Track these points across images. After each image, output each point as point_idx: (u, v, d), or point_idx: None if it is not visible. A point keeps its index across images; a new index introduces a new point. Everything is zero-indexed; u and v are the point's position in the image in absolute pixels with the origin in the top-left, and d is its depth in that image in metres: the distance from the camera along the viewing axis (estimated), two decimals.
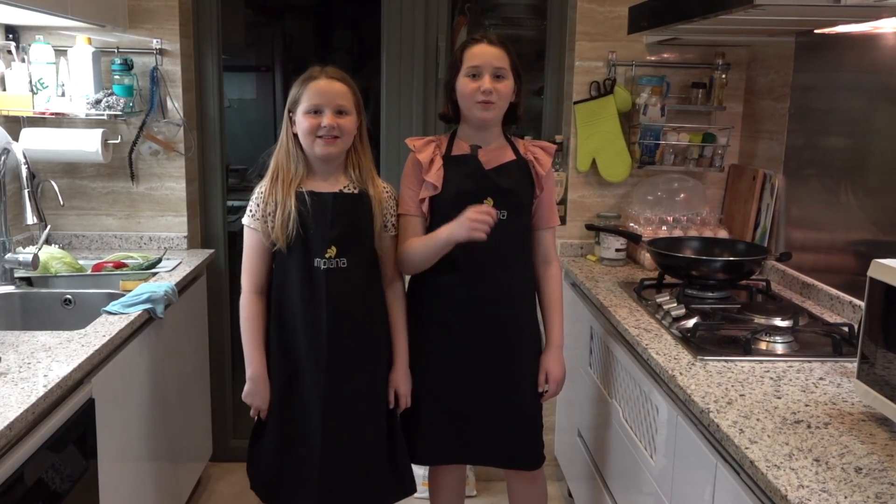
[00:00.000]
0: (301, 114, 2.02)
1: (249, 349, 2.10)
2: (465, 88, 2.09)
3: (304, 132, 2.02)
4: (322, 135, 2.01)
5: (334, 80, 2.04)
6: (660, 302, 2.29)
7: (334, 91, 2.02)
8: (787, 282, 2.59)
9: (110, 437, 2.00)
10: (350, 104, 2.04)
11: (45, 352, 1.87)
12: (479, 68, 2.07)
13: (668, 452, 1.84)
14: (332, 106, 2.01)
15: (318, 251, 2.04)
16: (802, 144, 2.59)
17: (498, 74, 2.07)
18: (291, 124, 2.07)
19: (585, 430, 2.69)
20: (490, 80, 2.06)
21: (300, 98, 2.03)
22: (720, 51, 2.96)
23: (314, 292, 2.05)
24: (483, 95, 2.06)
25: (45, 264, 2.59)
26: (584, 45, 2.99)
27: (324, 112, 2.00)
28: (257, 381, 2.09)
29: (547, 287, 2.25)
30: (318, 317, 2.05)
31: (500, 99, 2.08)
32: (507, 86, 2.09)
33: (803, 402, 1.65)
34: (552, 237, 2.26)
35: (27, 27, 2.84)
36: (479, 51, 2.08)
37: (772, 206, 2.71)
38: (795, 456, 1.40)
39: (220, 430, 3.27)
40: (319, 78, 2.03)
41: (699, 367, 1.84)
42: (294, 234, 2.02)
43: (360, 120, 2.08)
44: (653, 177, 3.05)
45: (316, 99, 2.01)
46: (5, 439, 1.47)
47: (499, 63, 2.07)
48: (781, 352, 1.95)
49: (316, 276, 2.04)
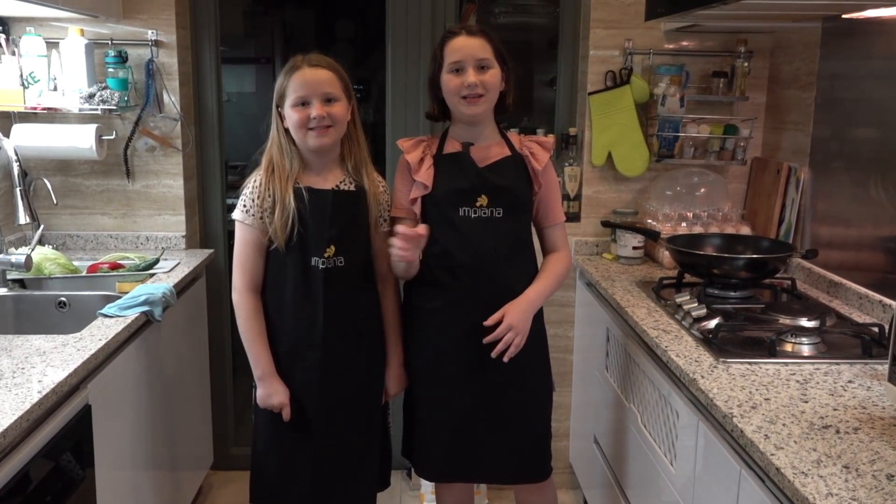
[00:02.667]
0: (289, 107, 2.03)
1: (254, 348, 2.09)
2: (449, 85, 2.08)
3: (295, 126, 2.03)
4: (313, 126, 2.01)
5: (318, 68, 2.04)
6: (679, 302, 2.29)
7: (319, 79, 2.02)
8: (813, 280, 2.59)
9: (107, 444, 2.01)
10: (338, 90, 2.04)
11: (39, 356, 1.88)
12: (461, 62, 2.06)
13: (689, 459, 1.84)
14: (319, 95, 2.01)
15: (317, 250, 2.05)
16: (829, 136, 2.58)
17: (482, 66, 2.06)
18: (281, 119, 2.07)
19: (602, 437, 2.69)
20: (475, 73, 2.05)
21: (286, 91, 2.03)
22: (742, 38, 2.96)
23: (310, 291, 2.07)
24: (468, 90, 2.05)
25: (38, 266, 2.60)
26: (598, 32, 2.99)
27: (311, 102, 2.01)
28: (269, 379, 2.09)
29: (548, 260, 2.22)
30: (313, 316, 2.07)
31: (488, 91, 2.08)
32: (494, 75, 2.08)
33: (831, 406, 1.65)
34: (560, 233, 2.25)
35: (17, 18, 2.86)
36: (458, 44, 2.07)
37: (797, 200, 2.70)
38: (824, 462, 1.40)
39: (220, 437, 3.29)
40: (302, 67, 2.03)
41: (721, 370, 1.84)
42: (294, 233, 2.03)
43: (351, 105, 2.09)
44: (672, 171, 3.05)
45: (301, 90, 2.01)
46: None
47: (481, 54, 2.06)
48: (808, 353, 1.95)
49: (313, 275, 2.06)
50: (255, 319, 2.10)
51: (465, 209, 2.12)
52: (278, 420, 2.10)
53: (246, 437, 3.42)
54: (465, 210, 2.12)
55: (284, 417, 2.09)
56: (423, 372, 2.21)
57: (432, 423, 2.22)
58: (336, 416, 2.13)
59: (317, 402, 2.11)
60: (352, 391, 2.15)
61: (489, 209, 2.12)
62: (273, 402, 2.09)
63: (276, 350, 2.10)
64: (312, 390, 2.10)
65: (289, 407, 2.09)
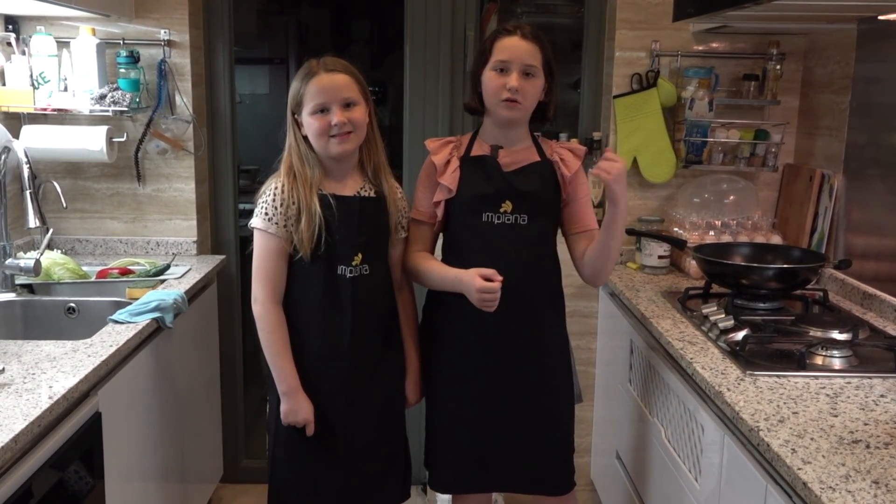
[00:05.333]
0: (307, 115, 2.04)
1: (279, 362, 2.09)
2: (490, 83, 2.10)
3: (315, 134, 2.05)
4: (335, 133, 2.03)
5: (335, 73, 2.05)
6: (706, 313, 2.31)
7: (338, 84, 2.04)
8: (846, 292, 2.60)
9: (117, 453, 2.05)
10: (356, 94, 2.06)
11: (49, 362, 1.93)
12: (508, 63, 2.08)
13: (715, 475, 1.86)
14: (339, 101, 2.03)
15: (345, 259, 2.08)
16: (865, 142, 2.60)
17: (528, 72, 2.08)
18: (298, 126, 2.09)
19: (624, 452, 2.71)
20: (518, 78, 2.07)
21: (303, 98, 2.04)
22: (774, 39, 2.97)
23: (338, 301, 2.09)
24: (508, 93, 2.07)
25: (47, 270, 2.65)
26: (624, 33, 3.01)
27: (331, 109, 2.02)
28: (294, 394, 2.09)
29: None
30: (340, 326, 2.10)
31: (527, 100, 2.10)
32: (536, 85, 2.11)
33: (862, 420, 1.67)
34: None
35: (27, 17, 2.91)
36: (509, 44, 2.09)
37: (830, 209, 2.72)
38: (852, 478, 1.42)
39: (231, 448, 3.33)
40: (319, 73, 2.04)
41: (748, 383, 1.86)
42: (321, 242, 2.05)
43: (369, 107, 2.11)
44: (699, 177, 3.07)
45: (320, 97, 2.02)
46: (10, 453, 1.53)
47: (530, 60, 2.08)
48: (839, 367, 1.97)
49: (341, 283, 2.08)
50: (280, 332, 2.10)
51: (489, 214, 2.14)
52: (301, 434, 2.12)
53: (257, 449, 3.47)
54: (488, 215, 2.14)
55: (308, 433, 2.11)
56: (442, 380, 2.24)
57: (450, 431, 2.25)
58: (363, 428, 2.16)
59: (343, 415, 2.13)
60: (378, 401, 2.18)
61: (513, 215, 2.13)
62: (298, 418, 2.10)
63: (300, 362, 2.11)
64: (339, 402, 2.13)
65: (313, 423, 2.11)
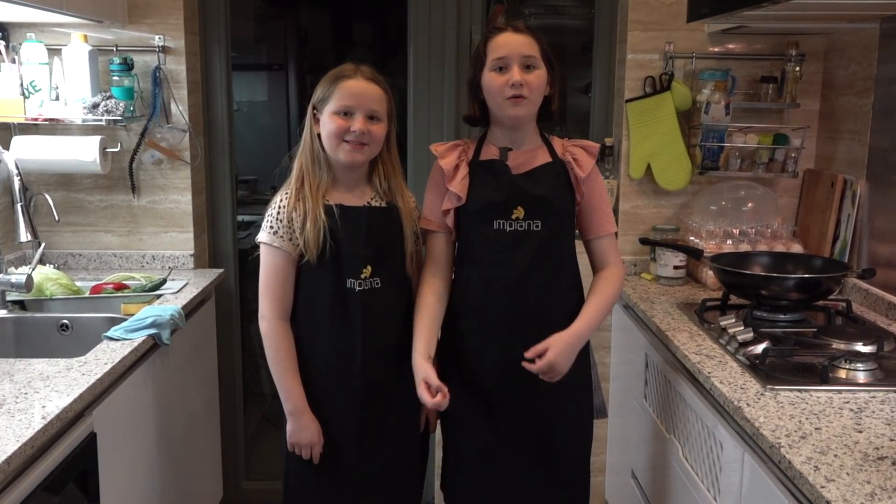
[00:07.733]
0: (328, 113, 2.06)
1: (286, 380, 2.10)
2: (492, 84, 2.10)
3: (330, 134, 2.06)
4: (350, 139, 2.05)
5: (370, 82, 2.09)
6: (724, 325, 2.31)
7: (369, 93, 2.07)
8: (870, 302, 2.60)
9: (113, 475, 2.06)
10: (383, 110, 2.09)
11: (42, 381, 1.94)
12: (506, 59, 2.07)
13: (734, 494, 1.86)
14: (365, 109, 2.06)
15: (353, 271, 2.08)
16: (888, 146, 2.60)
17: (528, 64, 2.08)
18: (315, 123, 2.11)
19: (640, 471, 2.71)
20: (519, 72, 2.06)
21: (329, 97, 2.07)
22: (793, 40, 2.98)
23: (347, 316, 2.09)
24: (513, 89, 2.06)
25: (39, 286, 2.67)
26: (637, 35, 3.02)
27: (355, 115, 2.05)
28: (300, 415, 2.10)
29: (597, 281, 2.19)
30: (350, 343, 2.10)
31: (533, 92, 2.09)
32: (539, 76, 2.10)
33: (888, 436, 1.67)
34: (609, 245, 2.22)
35: (17, 24, 2.94)
36: (504, 40, 2.09)
37: (853, 216, 2.72)
38: (878, 496, 1.42)
39: (230, 469, 3.34)
40: (355, 77, 2.08)
41: (769, 398, 1.87)
42: (327, 247, 2.05)
43: (389, 128, 2.13)
44: (716, 184, 3.07)
45: (348, 100, 2.05)
46: (3, 475, 1.55)
47: (527, 51, 2.08)
48: (863, 380, 1.97)
49: (350, 298, 2.09)
50: (287, 350, 2.11)
51: (500, 222, 2.12)
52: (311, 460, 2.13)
53: (257, 470, 3.48)
54: (499, 223, 2.12)
55: (314, 459, 2.12)
56: (456, 397, 2.23)
57: (462, 450, 2.23)
58: (377, 453, 2.15)
59: (356, 438, 2.13)
60: (392, 423, 2.18)
61: (526, 222, 2.12)
62: (303, 440, 2.11)
63: (309, 381, 2.12)
64: (351, 425, 2.13)
65: (319, 447, 2.12)
